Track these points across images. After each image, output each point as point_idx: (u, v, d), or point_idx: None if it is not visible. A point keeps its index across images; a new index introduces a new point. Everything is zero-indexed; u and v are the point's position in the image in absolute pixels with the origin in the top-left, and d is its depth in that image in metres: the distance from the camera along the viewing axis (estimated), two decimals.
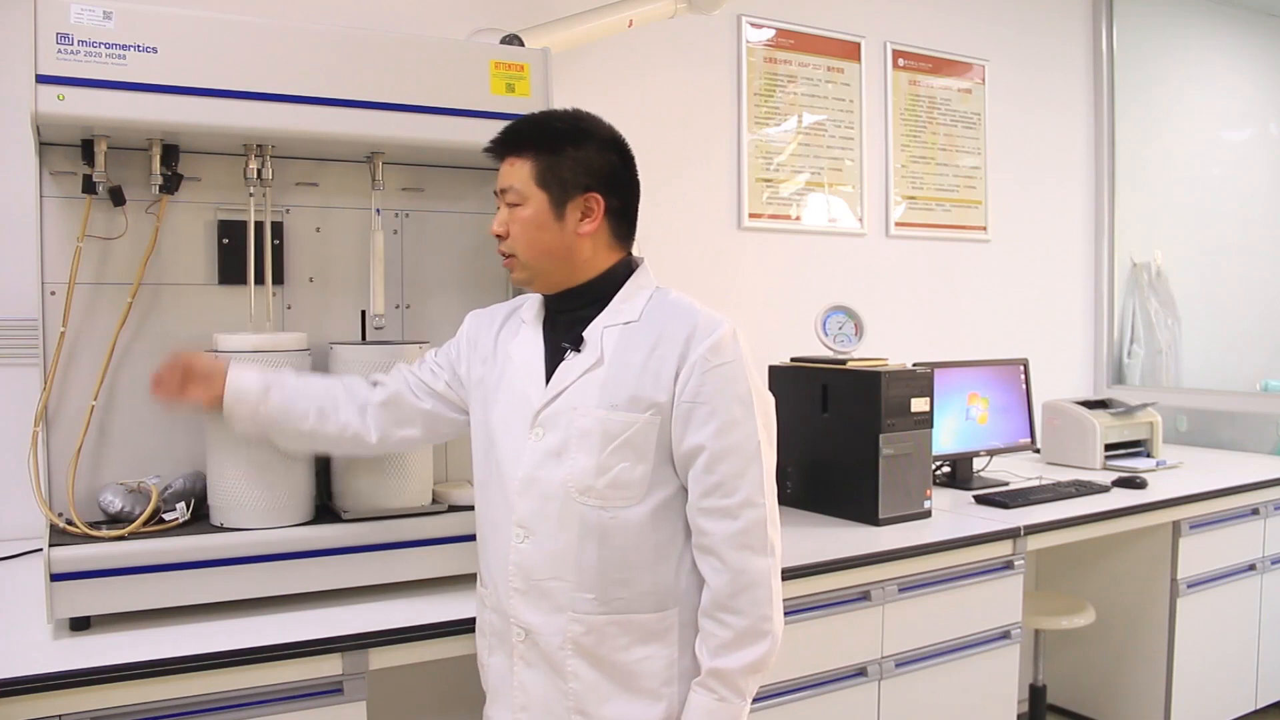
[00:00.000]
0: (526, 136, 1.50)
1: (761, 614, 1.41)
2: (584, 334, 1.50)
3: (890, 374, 2.50)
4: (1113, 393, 3.97)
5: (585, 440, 1.44)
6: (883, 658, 2.29)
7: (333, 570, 1.79)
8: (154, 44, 1.65)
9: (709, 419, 1.42)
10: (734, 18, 3.24)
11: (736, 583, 1.41)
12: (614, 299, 1.52)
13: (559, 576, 1.46)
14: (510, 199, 1.49)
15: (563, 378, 1.49)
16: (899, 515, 2.51)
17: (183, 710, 1.55)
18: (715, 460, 1.42)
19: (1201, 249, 4.56)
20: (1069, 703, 3.38)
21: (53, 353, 1.77)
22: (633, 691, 1.46)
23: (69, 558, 1.61)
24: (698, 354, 1.42)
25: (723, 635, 1.42)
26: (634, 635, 1.46)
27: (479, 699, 1.65)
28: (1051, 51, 4.13)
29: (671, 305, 1.50)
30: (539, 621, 1.48)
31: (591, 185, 1.48)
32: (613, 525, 1.44)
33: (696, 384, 1.42)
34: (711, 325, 1.45)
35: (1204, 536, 3.03)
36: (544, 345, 1.55)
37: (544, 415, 1.48)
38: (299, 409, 1.64)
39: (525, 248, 1.50)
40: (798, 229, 3.38)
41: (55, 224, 1.80)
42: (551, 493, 1.46)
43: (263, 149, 1.83)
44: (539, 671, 1.49)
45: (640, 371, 1.44)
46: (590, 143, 1.49)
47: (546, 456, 1.47)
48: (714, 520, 1.42)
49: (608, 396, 1.45)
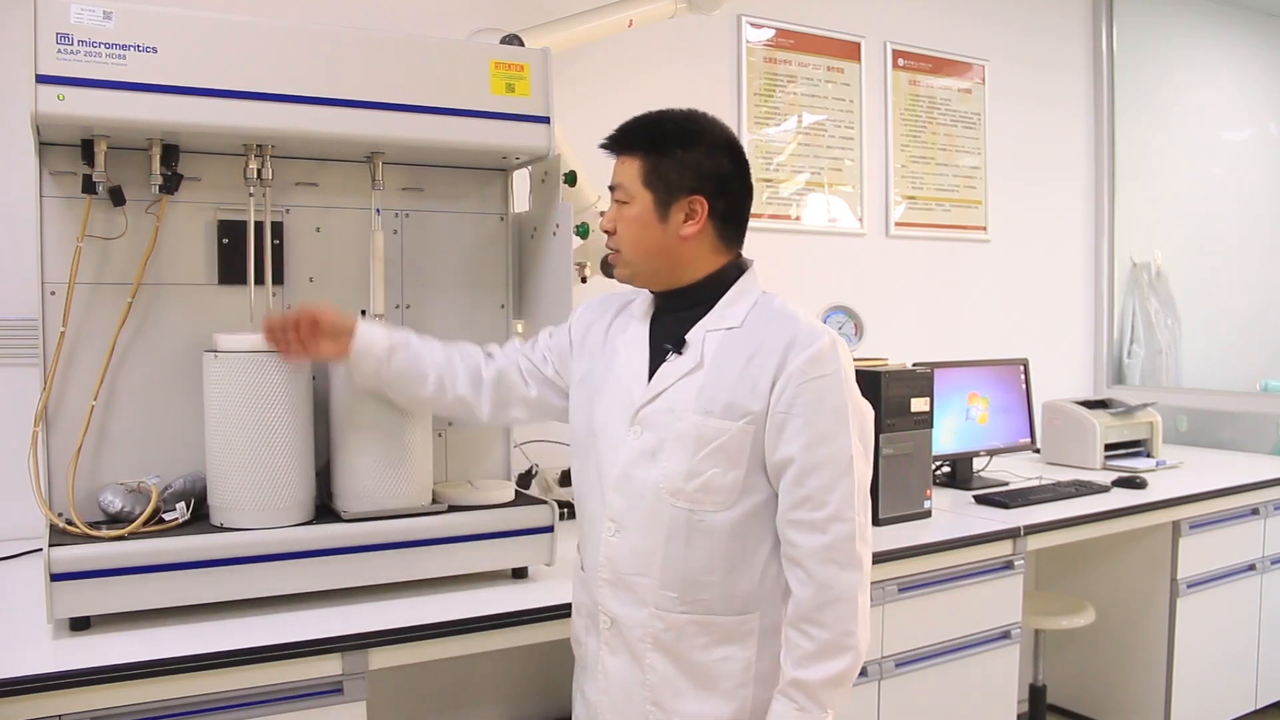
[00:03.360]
0: (637, 136, 1.51)
1: (845, 629, 1.41)
2: (686, 336, 1.51)
3: (890, 374, 2.50)
4: (1113, 393, 3.97)
5: (680, 443, 1.46)
6: (883, 658, 2.29)
7: (333, 570, 1.79)
8: (154, 44, 1.65)
9: (801, 431, 1.41)
10: (734, 18, 3.24)
11: (821, 596, 1.40)
12: (719, 303, 1.52)
13: (644, 573, 1.48)
14: (618, 196, 1.51)
15: (663, 379, 1.50)
16: (899, 515, 2.51)
17: (183, 710, 1.55)
18: (805, 473, 1.41)
19: (1201, 249, 4.56)
20: (1069, 703, 3.38)
21: (53, 353, 1.77)
22: (708, 690, 1.47)
23: (69, 558, 1.61)
24: (795, 365, 1.42)
25: (806, 647, 1.41)
26: (714, 635, 1.47)
27: (479, 699, 1.65)
28: (1051, 51, 4.13)
29: (774, 313, 1.50)
30: (624, 613, 1.51)
31: (697, 188, 1.48)
32: (700, 528, 1.45)
33: (792, 395, 1.42)
34: (811, 337, 1.44)
35: (1204, 536, 3.03)
36: (649, 343, 1.56)
37: (643, 414, 1.50)
38: (419, 374, 1.69)
39: (629, 246, 1.52)
40: (798, 229, 3.39)
41: (55, 224, 1.80)
42: (643, 491, 1.48)
43: (263, 149, 1.83)
44: (622, 659, 1.52)
45: (738, 379, 1.45)
46: (700, 145, 1.49)
47: (642, 455, 1.49)
48: (802, 533, 1.42)
49: (704, 402, 1.45)
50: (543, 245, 2.12)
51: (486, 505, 1.94)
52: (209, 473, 1.79)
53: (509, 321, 2.17)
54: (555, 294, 2.05)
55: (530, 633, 1.83)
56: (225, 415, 1.75)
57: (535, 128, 1.95)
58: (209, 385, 1.78)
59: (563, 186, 2.06)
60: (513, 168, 2.16)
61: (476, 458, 2.15)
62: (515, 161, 2.10)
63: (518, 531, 1.94)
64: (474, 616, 1.76)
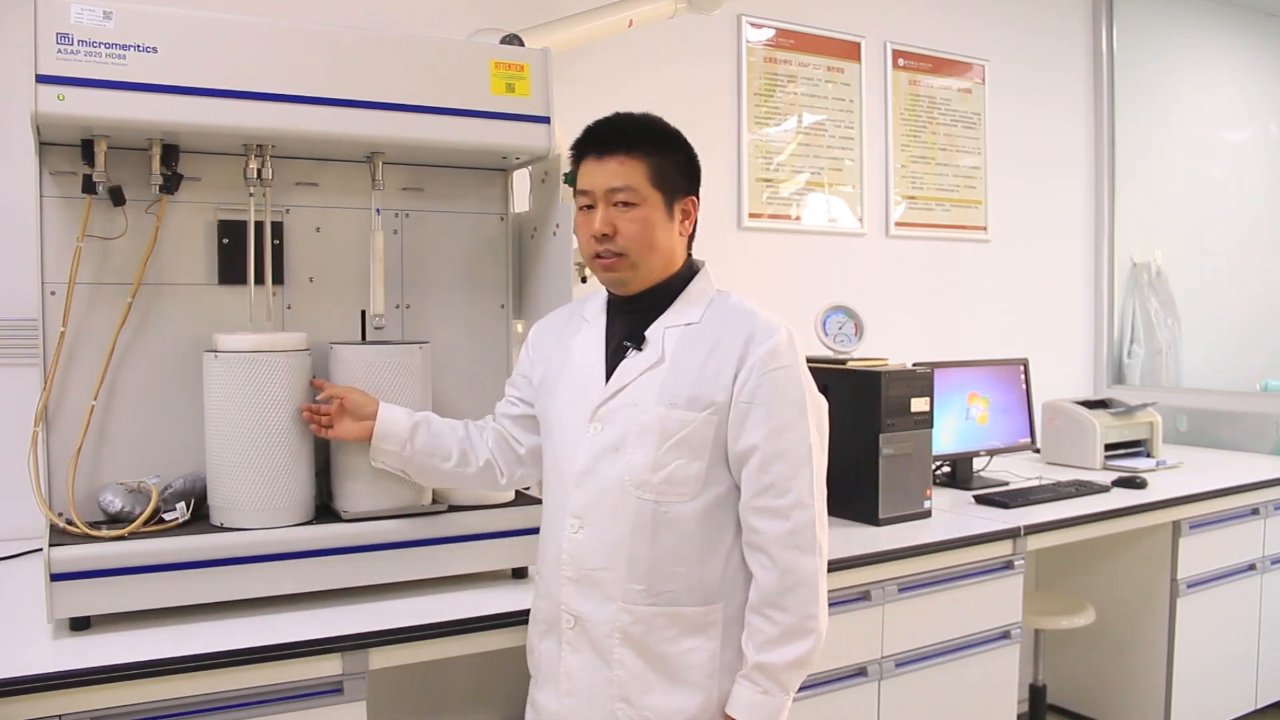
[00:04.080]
0: (638, 137, 1.52)
1: (807, 612, 1.45)
2: (646, 333, 1.53)
3: (890, 374, 2.50)
4: (1113, 393, 3.97)
5: (644, 436, 1.48)
6: (883, 658, 2.29)
7: (333, 570, 1.79)
8: (154, 44, 1.65)
9: (764, 421, 1.46)
10: (734, 18, 3.24)
11: (784, 581, 1.44)
12: (678, 300, 1.56)
13: (611, 567, 1.50)
14: (624, 198, 1.51)
15: (624, 375, 1.52)
16: (899, 515, 2.51)
17: (183, 710, 1.55)
18: (768, 461, 1.45)
19: (1201, 249, 4.56)
20: (1069, 703, 3.38)
21: (53, 353, 1.77)
22: (676, 682, 1.49)
23: (69, 558, 1.61)
24: (756, 357, 1.47)
25: (769, 631, 1.45)
26: (680, 627, 1.49)
27: (479, 699, 1.66)
28: (1051, 51, 4.13)
29: (732, 309, 1.54)
30: (589, 610, 1.52)
31: (689, 188, 1.56)
32: (665, 519, 1.48)
33: (754, 386, 1.46)
34: (770, 330, 1.49)
35: (1204, 536, 3.03)
36: (605, 342, 1.58)
37: (603, 410, 1.52)
38: (443, 450, 1.73)
39: (639, 247, 1.52)
40: (798, 229, 3.38)
41: (55, 224, 1.80)
42: (608, 485, 1.50)
43: (263, 149, 1.83)
44: (585, 658, 1.53)
45: (698, 372, 1.48)
46: (682, 147, 1.56)
47: (605, 450, 1.51)
48: (765, 519, 1.46)
49: (667, 395, 1.48)
50: (543, 245, 2.12)
51: (486, 505, 1.94)
52: (209, 473, 1.79)
53: (509, 321, 2.17)
54: (555, 294, 2.05)
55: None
56: (225, 415, 1.75)
57: (535, 128, 1.94)
58: (209, 385, 1.78)
59: (563, 186, 2.06)
60: (513, 168, 2.16)
61: None
62: (515, 161, 2.10)
63: (518, 531, 1.94)
64: (474, 616, 1.76)
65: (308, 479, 1.83)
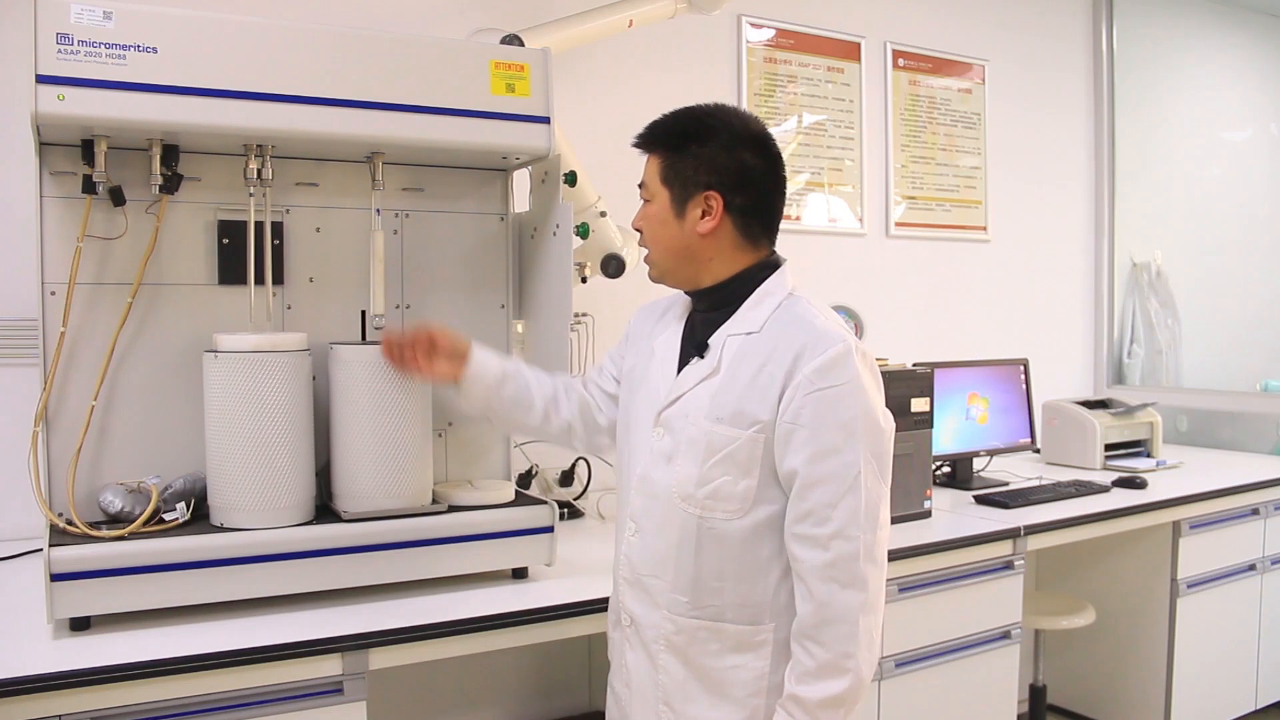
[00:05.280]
0: (657, 133, 1.52)
1: (844, 650, 1.36)
2: (710, 340, 1.49)
3: (890, 374, 2.49)
4: (1113, 393, 3.97)
5: (692, 449, 1.45)
6: (883, 658, 2.29)
7: (333, 570, 1.79)
8: (154, 44, 1.65)
9: (807, 443, 1.38)
10: (734, 18, 3.24)
11: (820, 614, 1.37)
12: (743, 305, 1.49)
13: (658, 575, 1.49)
14: (643, 195, 1.53)
15: (683, 382, 1.49)
16: (899, 515, 2.49)
17: (183, 710, 1.55)
18: (808, 487, 1.38)
19: (1201, 249, 4.56)
20: (1069, 703, 3.38)
21: (53, 353, 1.77)
22: (719, 697, 1.46)
23: (69, 558, 1.61)
24: (803, 374, 1.38)
25: (806, 663, 1.39)
26: (725, 643, 1.46)
27: (479, 699, 1.65)
28: (1051, 51, 4.13)
29: (793, 318, 1.45)
30: (641, 613, 1.52)
31: (713, 183, 1.46)
32: (710, 535, 1.44)
33: (799, 405, 1.38)
34: (824, 344, 1.39)
35: (1204, 536, 3.03)
36: (680, 344, 1.55)
37: (665, 416, 1.50)
38: (527, 402, 1.70)
39: (653, 244, 1.53)
40: (798, 229, 3.38)
41: (55, 224, 1.80)
42: (659, 494, 1.48)
43: (263, 149, 1.83)
44: (640, 657, 1.53)
45: (748, 387, 1.42)
46: (716, 140, 1.47)
47: (659, 458, 1.49)
48: (804, 548, 1.39)
49: (715, 409, 1.44)
50: (543, 245, 2.12)
51: (486, 505, 1.94)
52: (209, 473, 1.79)
53: (509, 322, 2.17)
54: (555, 294, 2.05)
55: (530, 633, 1.83)
56: (225, 415, 1.75)
57: (535, 128, 1.94)
58: (209, 385, 1.78)
59: (563, 186, 2.06)
60: (513, 168, 2.16)
61: (476, 458, 2.14)
62: (515, 161, 2.09)
63: (518, 532, 1.94)
64: (474, 616, 1.76)
65: (308, 479, 1.83)
